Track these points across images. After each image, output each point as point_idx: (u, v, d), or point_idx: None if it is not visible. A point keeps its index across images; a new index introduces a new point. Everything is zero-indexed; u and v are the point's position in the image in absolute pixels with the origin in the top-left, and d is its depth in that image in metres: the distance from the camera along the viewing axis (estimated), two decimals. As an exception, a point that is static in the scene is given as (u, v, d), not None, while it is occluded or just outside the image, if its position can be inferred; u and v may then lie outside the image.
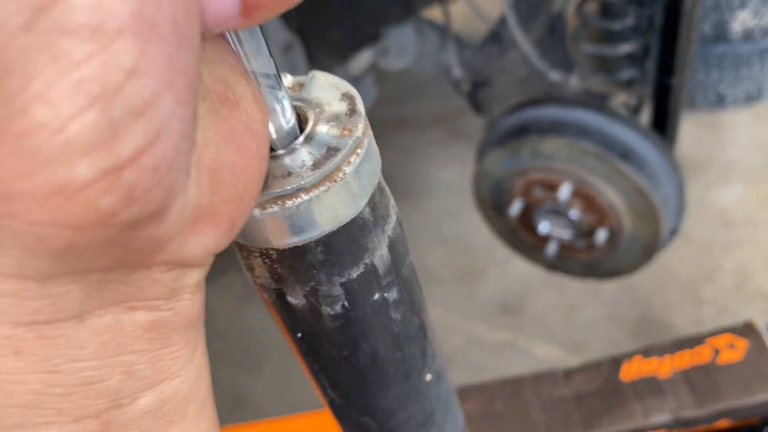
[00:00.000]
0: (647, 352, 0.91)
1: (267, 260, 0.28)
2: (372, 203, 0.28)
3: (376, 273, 0.29)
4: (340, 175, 0.25)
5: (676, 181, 1.38)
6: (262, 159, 0.24)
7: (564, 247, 1.50)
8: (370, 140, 0.27)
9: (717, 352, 0.87)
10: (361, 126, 0.26)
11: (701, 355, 0.87)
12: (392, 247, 0.29)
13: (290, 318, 0.30)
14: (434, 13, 1.74)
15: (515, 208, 1.46)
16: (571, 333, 2.18)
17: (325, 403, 0.36)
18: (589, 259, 1.52)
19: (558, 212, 1.43)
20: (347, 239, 0.27)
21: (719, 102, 2.64)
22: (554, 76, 1.52)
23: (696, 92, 2.62)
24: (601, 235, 1.41)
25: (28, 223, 0.17)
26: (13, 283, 0.19)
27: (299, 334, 0.31)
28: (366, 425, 0.36)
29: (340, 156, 0.25)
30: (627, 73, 1.55)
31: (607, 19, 1.47)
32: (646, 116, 1.70)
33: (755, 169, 2.48)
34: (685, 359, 0.88)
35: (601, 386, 0.88)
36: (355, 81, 1.69)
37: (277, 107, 0.25)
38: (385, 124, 3.01)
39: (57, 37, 0.15)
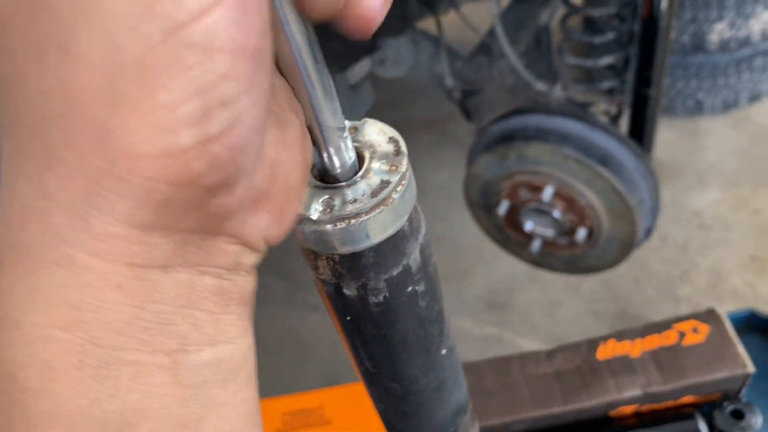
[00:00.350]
0: (620, 335, 1.01)
1: (331, 262, 0.36)
2: (410, 219, 0.37)
3: (410, 271, 0.38)
4: (390, 201, 0.34)
5: (651, 184, 1.48)
6: (305, 167, 0.32)
7: (547, 244, 1.60)
8: (411, 173, 0.36)
9: (682, 335, 0.98)
10: (405, 163, 0.36)
11: (668, 338, 0.98)
12: (422, 251, 0.39)
13: (343, 305, 0.39)
14: (428, 24, 1.84)
15: (503, 208, 1.57)
16: (553, 328, 2.28)
17: (360, 373, 0.46)
18: (570, 255, 1.62)
19: (542, 212, 1.53)
20: (391, 247, 0.36)
21: (697, 109, 2.74)
22: (540, 86, 1.62)
23: (675, 100, 2.71)
24: (581, 234, 1.51)
25: (144, 177, 0.24)
26: (126, 228, 0.25)
27: (348, 318, 0.40)
28: (393, 389, 0.45)
29: (390, 187, 0.34)
30: (608, 84, 1.65)
31: (590, 33, 1.58)
32: (625, 124, 1.80)
33: (730, 174, 2.59)
34: (654, 341, 0.98)
35: (579, 365, 0.99)
36: (353, 88, 1.78)
37: (343, 147, 0.34)
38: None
39: (180, 49, 0.22)
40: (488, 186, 1.59)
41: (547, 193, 1.46)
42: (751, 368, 0.92)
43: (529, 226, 1.57)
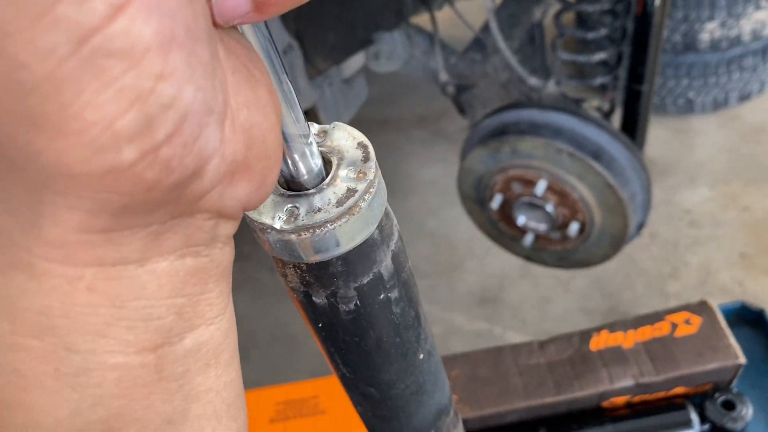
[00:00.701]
0: (613, 326, 1.02)
1: (298, 270, 0.36)
2: (380, 226, 0.36)
3: (381, 279, 0.37)
4: (357, 210, 0.33)
5: (642, 179, 1.49)
6: (279, 126, 0.29)
7: (539, 238, 1.61)
8: (379, 180, 0.35)
9: (675, 326, 0.99)
10: (373, 170, 0.34)
11: (661, 329, 0.98)
12: (394, 258, 0.38)
13: (314, 313, 0.38)
14: (422, 19, 1.84)
15: (496, 202, 1.57)
16: (544, 324, 2.29)
17: (338, 377, 0.45)
18: (562, 249, 1.63)
19: (535, 206, 1.53)
20: (360, 255, 0.35)
21: (688, 108, 2.76)
22: (533, 81, 1.63)
23: (667, 98, 2.73)
24: (574, 228, 1.51)
25: (90, 192, 0.22)
26: (79, 235, 0.23)
27: (320, 325, 0.39)
28: (370, 394, 0.44)
29: (357, 195, 0.33)
30: (600, 80, 1.66)
31: (583, 30, 1.58)
32: (617, 120, 1.81)
33: (720, 172, 2.61)
34: (646, 333, 0.99)
35: (572, 355, 0.99)
36: (347, 82, 1.78)
37: (308, 154, 0.33)
38: (371, 122, 3.10)
39: (98, 60, 0.19)
40: (481, 180, 1.60)
41: (540, 187, 1.47)
42: (742, 359, 0.93)
43: (521, 220, 1.58)
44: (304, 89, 1.63)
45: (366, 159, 0.35)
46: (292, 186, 0.34)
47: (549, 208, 1.51)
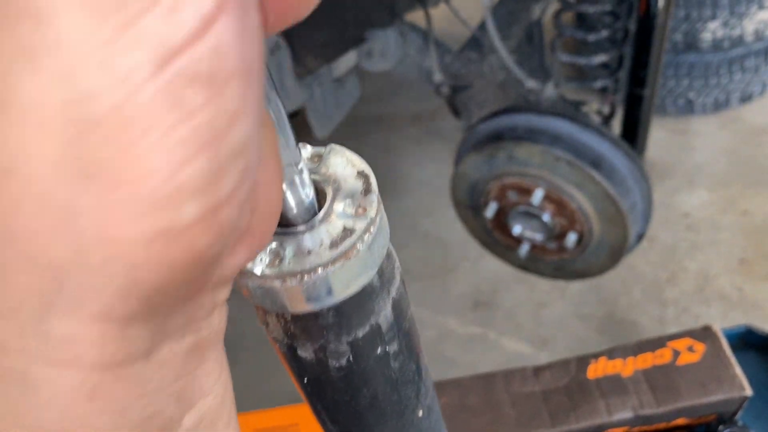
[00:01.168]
0: (612, 353, 0.96)
1: (282, 321, 0.30)
2: (380, 271, 0.30)
3: (380, 331, 0.31)
4: (354, 253, 0.27)
5: (643, 189, 1.44)
6: (281, 181, 0.25)
7: (535, 248, 1.56)
8: (381, 216, 0.29)
9: (677, 354, 0.93)
10: (375, 206, 0.29)
11: (662, 356, 0.93)
12: (395, 306, 0.32)
13: (299, 367, 0.32)
14: (417, 17, 1.78)
15: (490, 210, 1.51)
16: (539, 329, 2.25)
17: None
18: (559, 260, 1.58)
19: (531, 215, 1.48)
20: (356, 305, 0.29)
21: (688, 108, 2.72)
22: (531, 83, 1.57)
23: (666, 99, 2.69)
24: (571, 238, 1.46)
25: (128, 266, 0.17)
26: (96, 326, 0.19)
27: (305, 380, 0.33)
28: None
29: (354, 236, 0.28)
30: (601, 82, 1.61)
31: (583, 30, 1.53)
32: (618, 124, 1.76)
33: (719, 175, 2.56)
34: (647, 360, 0.93)
35: (568, 383, 0.94)
36: (339, 81, 1.72)
37: (298, 183, 0.27)
38: (364, 120, 3.04)
39: (178, 87, 0.16)
40: (476, 186, 1.54)
41: (537, 195, 1.41)
42: (748, 391, 0.88)
43: (517, 229, 1.52)
44: (292, 89, 1.56)
45: (367, 191, 0.29)
46: (281, 221, 0.28)
47: (546, 217, 1.45)
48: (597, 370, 0.94)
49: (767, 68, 2.61)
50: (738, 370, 0.90)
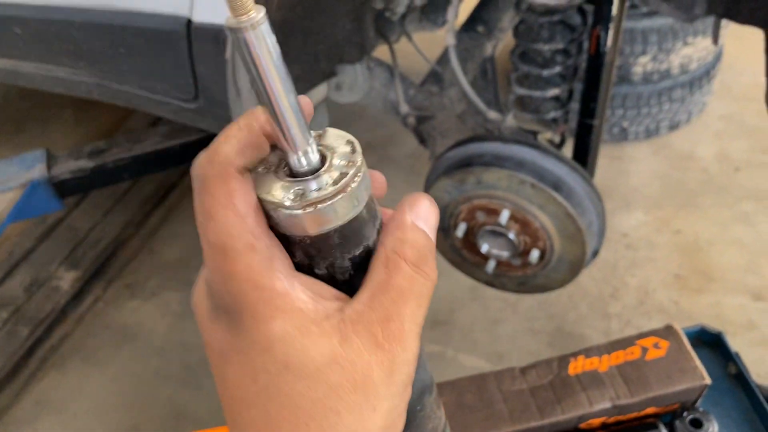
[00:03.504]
0: (588, 352, 1.08)
1: (303, 245, 0.43)
2: (367, 206, 0.44)
3: (370, 252, 0.45)
4: (348, 189, 0.41)
5: (598, 209, 1.58)
6: None
7: (501, 264, 1.68)
8: (365, 168, 0.43)
9: (645, 350, 1.06)
10: (360, 159, 0.43)
11: (633, 353, 1.06)
12: (379, 233, 0.45)
13: None
14: (383, 52, 1.89)
15: (460, 230, 1.63)
16: (494, 345, 2.36)
17: None
18: (522, 275, 1.70)
19: (498, 234, 1.60)
20: (353, 229, 0.43)
21: (622, 136, 2.92)
22: (493, 114, 1.70)
23: (603, 127, 2.88)
24: (534, 255, 1.59)
25: None
26: None
27: None
28: None
29: (347, 177, 0.41)
30: (553, 114, 1.75)
31: (538, 67, 1.67)
32: (567, 151, 1.91)
33: (653, 197, 2.77)
34: (620, 357, 1.06)
35: (552, 380, 1.05)
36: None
37: (309, 151, 0.42)
38: (318, 149, 3.11)
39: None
40: (446, 209, 1.65)
41: (504, 216, 1.54)
42: (708, 380, 1.01)
43: (485, 247, 1.64)
44: (270, 120, 1.65)
45: (353, 151, 0.43)
46: (296, 175, 0.42)
47: (511, 236, 1.58)
48: (577, 367, 1.05)
49: (692, 99, 2.84)
50: (698, 362, 1.03)
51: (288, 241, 0.43)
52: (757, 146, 2.91)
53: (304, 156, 0.41)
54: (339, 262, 0.43)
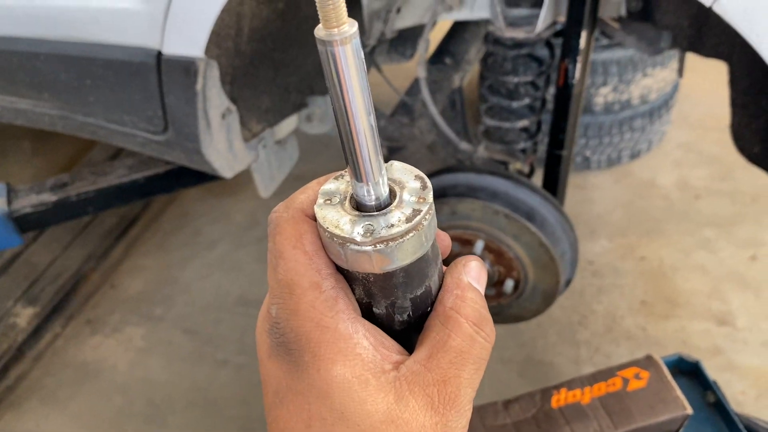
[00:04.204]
0: (570, 384, 1.08)
1: (366, 282, 0.42)
2: (433, 245, 0.42)
3: (430, 292, 0.44)
4: (421, 227, 0.40)
5: (571, 238, 1.60)
6: None
7: (475, 296, 1.67)
8: (433, 205, 0.42)
9: (626, 381, 1.06)
10: (431, 196, 0.42)
11: (614, 384, 1.05)
12: (440, 276, 0.45)
13: (371, 323, 0.44)
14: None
15: (433, 261, 1.62)
16: (465, 376, 2.35)
17: None
18: (497, 305, 1.70)
19: (472, 265, 1.60)
20: (418, 269, 0.42)
21: (585, 165, 2.97)
22: (464, 145, 1.71)
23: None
24: (509, 285, 1.59)
25: None
26: None
27: None
28: None
29: (421, 215, 0.40)
30: (522, 144, 1.77)
31: (507, 99, 1.69)
32: (536, 180, 1.92)
33: (617, 225, 2.81)
34: (602, 388, 1.06)
35: (536, 414, 1.04)
36: (281, 143, 1.80)
37: (381, 183, 0.40)
38: (283, 179, 3.11)
39: None
40: (419, 240, 1.65)
41: (478, 246, 1.54)
42: (689, 410, 1.01)
43: (459, 278, 1.64)
44: (240, 151, 1.63)
45: (424, 187, 0.42)
46: (363, 209, 0.41)
47: (486, 266, 1.58)
48: (560, 399, 1.05)
49: (652, 128, 2.91)
50: (679, 392, 1.04)
51: (349, 277, 0.42)
52: (715, 174, 2.98)
53: (374, 188, 0.40)
54: (400, 302, 0.42)
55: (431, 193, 0.41)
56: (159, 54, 1.40)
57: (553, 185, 1.74)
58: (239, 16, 1.42)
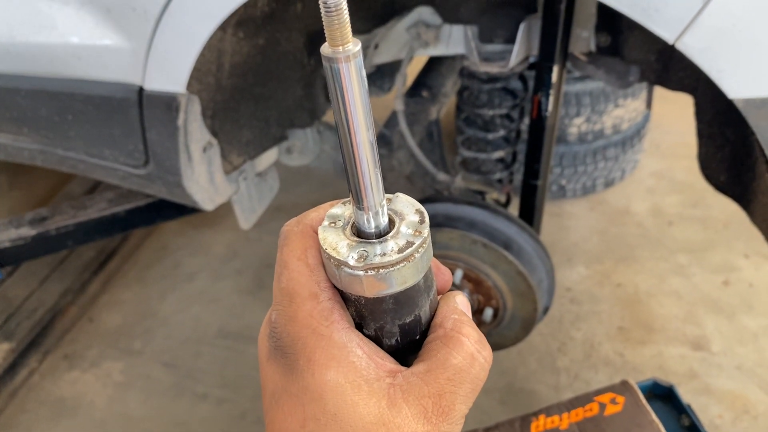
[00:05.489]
0: (549, 410, 1.10)
1: (357, 304, 0.44)
2: (425, 277, 0.45)
3: (420, 321, 0.46)
4: (412, 258, 0.42)
5: (547, 267, 1.63)
6: None
7: (455, 324, 1.69)
8: (430, 238, 0.45)
9: (603, 406, 1.08)
10: (427, 230, 0.44)
11: (591, 410, 1.08)
12: (431, 307, 0.47)
13: None
14: (332, 116, 1.93)
15: (413, 291, 1.64)
16: (446, 405, 2.35)
17: None
18: (476, 335, 1.72)
19: (451, 294, 1.62)
20: (408, 297, 0.44)
21: (561, 193, 3.02)
22: (442, 176, 1.75)
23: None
24: (488, 313, 1.61)
25: None
26: None
27: None
28: None
29: (413, 247, 0.43)
30: (498, 174, 1.81)
31: (482, 131, 1.73)
32: (513, 210, 1.96)
33: (593, 252, 2.85)
34: (579, 414, 1.08)
35: (516, 441, 1.06)
36: (261, 176, 1.82)
37: (380, 213, 0.43)
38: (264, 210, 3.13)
39: None
40: (399, 270, 1.67)
41: (457, 275, 1.56)
42: (665, 433, 1.04)
43: (438, 307, 1.66)
44: (221, 184, 1.65)
45: (422, 221, 0.45)
46: (362, 235, 0.43)
47: (465, 294, 1.60)
48: (539, 426, 1.07)
49: (625, 157, 2.98)
50: (654, 417, 1.06)
51: (344, 297, 0.44)
52: (687, 201, 3.05)
53: (374, 217, 0.42)
54: (388, 327, 0.45)
55: (428, 228, 0.44)
56: (141, 90, 1.42)
57: (530, 214, 1.77)
58: (220, 52, 1.45)
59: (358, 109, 0.39)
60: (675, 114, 3.44)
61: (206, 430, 2.32)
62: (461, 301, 0.47)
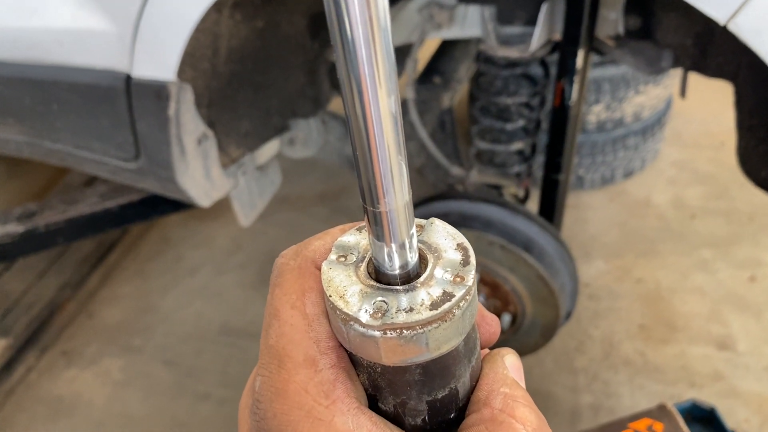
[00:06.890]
0: (577, 437, 0.98)
1: (372, 372, 0.31)
2: (466, 338, 0.32)
3: (456, 396, 0.33)
4: (450, 316, 0.30)
5: (570, 269, 1.51)
6: None
7: (469, 330, 1.58)
8: (475, 288, 0.32)
9: (639, 435, 0.97)
10: (472, 276, 0.31)
11: (626, 438, 0.96)
12: (472, 376, 0.34)
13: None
14: (337, 105, 1.81)
15: (424, 294, 1.53)
16: (458, 406, 2.26)
17: None
18: (493, 341, 1.61)
19: (465, 298, 1.51)
20: (441, 366, 0.31)
21: (579, 184, 2.90)
22: (456, 170, 1.63)
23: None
24: (506, 319, 1.50)
25: None
26: None
27: None
28: None
29: (453, 301, 0.30)
30: (516, 168, 1.69)
31: (500, 121, 1.61)
32: (532, 205, 1.84)
33: (612, 245, 2.73)
34: (612, 443, 0.96)
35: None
36: (262, 169, 1.70)
37: (407, 246, 0.30)
38: (269, 201, 3.02)
39: None
40: (409, 272, 1.56)
41: (472, 279, 1.45)
42: (710, 467, 0.92)
43: (452, 312, 1.54)
44: (218, 179, 1.53)
45: (466, 262, 0.32)
46: (381, 278, 0.30)
47: (481, 299, 1.49)
48: (567, 456, 0.95)
49: (645, 146, 2.85)
50: (697, 447, 0.94)
51: (353, 359, 0.32)
52: (710, 193, 2.92)
53: (399, 252, 0.29)
54: (413, 403, 0.32)
55: (473, 271, 0.31)
56: (128, 77, 1.31)
57: (550, 211, 1.65)
58: (216, 35, 1.33)
59: (377, 58, 0.23)
60: (697, 102, 3.29)
61: (207, 431, 2.24)
62: (513, 364, 0.34)
